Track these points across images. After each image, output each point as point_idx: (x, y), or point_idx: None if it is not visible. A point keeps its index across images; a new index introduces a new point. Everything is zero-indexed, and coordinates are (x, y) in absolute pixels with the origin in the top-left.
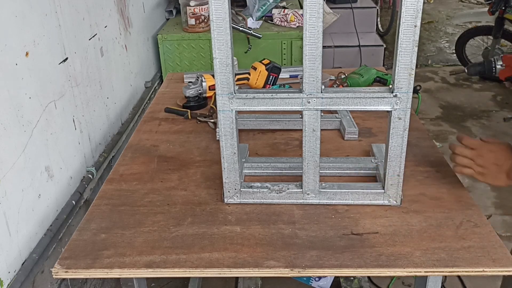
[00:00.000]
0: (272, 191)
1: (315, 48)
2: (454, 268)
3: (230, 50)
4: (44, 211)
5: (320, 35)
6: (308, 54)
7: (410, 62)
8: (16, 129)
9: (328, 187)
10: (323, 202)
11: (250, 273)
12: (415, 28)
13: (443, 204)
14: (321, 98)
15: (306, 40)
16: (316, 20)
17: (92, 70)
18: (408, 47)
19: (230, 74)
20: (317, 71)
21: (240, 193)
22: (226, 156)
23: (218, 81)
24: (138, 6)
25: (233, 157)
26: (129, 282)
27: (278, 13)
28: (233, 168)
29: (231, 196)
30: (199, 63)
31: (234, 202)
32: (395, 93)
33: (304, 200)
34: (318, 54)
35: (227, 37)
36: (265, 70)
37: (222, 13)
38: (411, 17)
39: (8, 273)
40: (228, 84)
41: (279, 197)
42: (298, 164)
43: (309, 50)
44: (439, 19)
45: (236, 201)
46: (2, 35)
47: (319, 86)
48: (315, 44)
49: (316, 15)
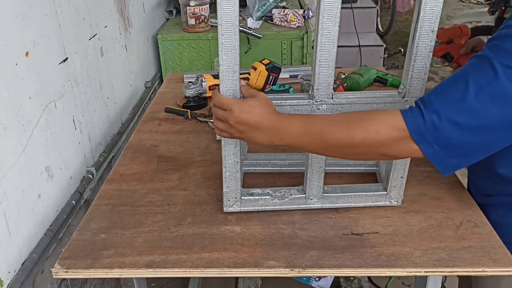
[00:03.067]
0: (274, 198)
1: (330, 54)
2: (454, 268)
3: (238, 56)
4: (44, 211)
5: (335, 40)
6: (322, 60)
7: (424, 67)
8: (16, 129)
9: (331, 191)
10: (326, 206)
11: (250, 273)
12: (432, 33)
13: (443, 204)
14: (331, 104)
15: (321, 45)
16: (332, 25)
17: (92, 70)
18: (424, 52)
19: (237, 81)
20: (329, 77)
21: (241, 201)
22: (228, 165)
23: (224, 88)
24: (138, 6)
25: (235, 166)
26: (129, 282)
27: (278, 13)
28: (235, 177)
29: (231, 205)
30: (199, 63)
31: (234, 210)
32: (406, 98)
33: (306, 205)
34: (332, 60)
35: (236, 42)
36: (265, 70)
37: (232, 16)
38: (429, 22)
39: (8, 273)
40: (235, 91)
41: (281, 204)
42: (298, 161)
43: (323, 56)
44: None
45: (236, 209)
46: (2, 35)
47: (331, 92)
48: (330, 50)
49: (333, 19)
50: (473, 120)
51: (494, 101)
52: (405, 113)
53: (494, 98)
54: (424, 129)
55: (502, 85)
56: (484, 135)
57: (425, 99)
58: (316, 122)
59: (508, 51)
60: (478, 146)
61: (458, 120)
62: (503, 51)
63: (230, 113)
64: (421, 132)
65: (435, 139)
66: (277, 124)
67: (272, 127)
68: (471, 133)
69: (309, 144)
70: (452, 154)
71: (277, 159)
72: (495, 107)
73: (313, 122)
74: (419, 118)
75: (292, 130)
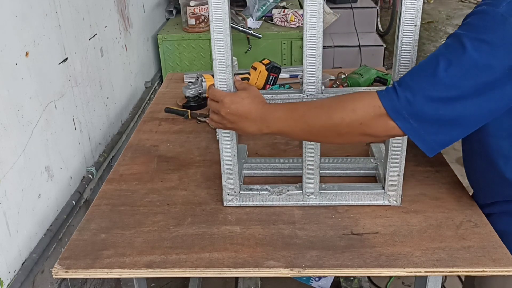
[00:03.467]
0: (272, 193)
1: (316, 49)
2: (454, 268)
3: (230, 51)
4: (44, 211)
5: (320, 35)
6: (309, 54)
7: (411, 61)
8: (16, 129)
9: (328, 188)
10: (323, 203)
11: (250, 273)
12: (415, 27)
13: (443, 204)
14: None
15: (307, 40)
16: (316, 20)
17: (92, 70)
18: (409, 47)
19: (230, 75)
20: (317, 71)
21: (240, 196)
22: (225, 158)
23: (218, 82)
24: (138, 6)
25: (233, 159)
26: (129, 282)
27: (278, 13)
28: (233, 171)
29: (231, 199)
30: (199, 63)
31: (234, 205)
32: None
33: (304, 202)
34: (319, 54)
35: (227, 38)
36: (265, 70)
37: (222, 13)
38: (411, 17)
39: (8, 273)
40: (228, 85)
41: (279, 199)
42: (298, 164)
43: (310, 51)
44: (439, 19)
45: (235, 204)
46: (2, 35)
47: (320, 87)
48: (316, 44)
49: (316, 15)
50: (444, 92)
51: (464, 72)
52: (380, 92)
53: (464, 70)
54: (398, 106)
55: (471, 56)
56: (457, 106)
57: (400, 80)
58: (299, 108)
59: (475, 25)
60: (454, 119)
61: (430, 94)
62: (470, 26)
63: (222, 104)
64: (396, 108)
65: (410, 115)
66: (264, 112)
67: (259, 116)
68: (445, 105)
69: (293, 129)
70: (430, 130)
71: (277, 162)
72: (465, 79)
73: (296, 108)
74: (393, 95)
75: (277, 116)
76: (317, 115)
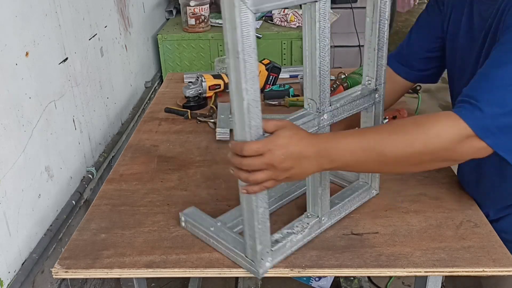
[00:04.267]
0: (298, 234)
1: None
2: (454, 268)
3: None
4: (44, 211)
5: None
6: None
7: (385, 55)
8: (16, 129)
9: (333, 205)
10: (334, 221)
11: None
12: (386, 21)
13: (443, 204)
14: (330, 111)
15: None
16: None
17: (92, 70)
18: (383, 41)
19: (260, 114)
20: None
21: (272, 254)
22: (260, 213)
23: (251, 127)
24: (138, 6)
25: (266, 213)
26: (129, 282)
27: (278, 13)
28: (266, 228)
29: (264, 264)
30: (199, 63)
31: (270, 266)
32: (376, 86)
33: (321, 228)
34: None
35: (256, 67)
36: (265, 70)
37: (252, 41)
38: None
39: (8, 273)
40: (260, 127)
41: (303, 237)
42: (290, 186)
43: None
44: None
45: (271, 264)
46: (2, 35)
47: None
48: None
49: None
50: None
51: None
52: (459, 111)
53: None
54: (486, 122)
55: None
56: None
57: (471, 95)
58: (367, 135)
59: None
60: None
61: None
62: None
63: (270, 154)
64: (484, 125)
65: (499, 129)
66: (323, 146)
67: (318, 151)
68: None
69: (365, 161)
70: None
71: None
72: None
73: (364, 135)
74: (477, 112)
75: (341, 148)
76: (394, 142)
